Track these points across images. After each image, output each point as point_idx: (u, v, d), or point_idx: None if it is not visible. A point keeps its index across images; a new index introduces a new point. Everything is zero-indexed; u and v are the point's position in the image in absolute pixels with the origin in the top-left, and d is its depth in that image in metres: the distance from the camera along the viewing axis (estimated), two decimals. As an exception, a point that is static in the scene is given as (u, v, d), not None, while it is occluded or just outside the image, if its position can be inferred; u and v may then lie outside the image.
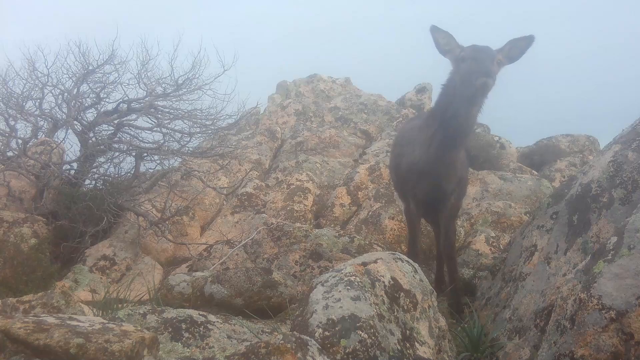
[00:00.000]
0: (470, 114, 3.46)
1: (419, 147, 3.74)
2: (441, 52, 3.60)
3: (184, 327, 2.60)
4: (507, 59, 3.48)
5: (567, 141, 10.90)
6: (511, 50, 3.48)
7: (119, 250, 6.54)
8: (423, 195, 3.83)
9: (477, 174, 7.92)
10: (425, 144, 3.66)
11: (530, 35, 3.50)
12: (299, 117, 11.81)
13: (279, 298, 3.73)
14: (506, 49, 3.46)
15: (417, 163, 3.73)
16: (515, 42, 3.48)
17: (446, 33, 3.56)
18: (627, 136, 2.97)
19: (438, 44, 3.58)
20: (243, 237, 5.84)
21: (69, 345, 1.74)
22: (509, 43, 3.48)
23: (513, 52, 3.49)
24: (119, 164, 7.73)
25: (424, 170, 3.69)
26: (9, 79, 7.90)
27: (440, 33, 3.57)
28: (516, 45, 3.48)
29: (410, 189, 3.93)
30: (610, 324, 2.05)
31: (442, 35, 3.57)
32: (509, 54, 3.48)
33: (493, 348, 2.93)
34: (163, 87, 8.11)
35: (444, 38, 3.56)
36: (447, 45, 3.57)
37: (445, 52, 3.58)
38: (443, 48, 3.58)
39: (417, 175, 3.77)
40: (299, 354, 1.96)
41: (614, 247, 2.27)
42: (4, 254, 4.50)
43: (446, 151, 3.59)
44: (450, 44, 3.56)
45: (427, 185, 3.74)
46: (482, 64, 3.24)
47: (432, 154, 3.61)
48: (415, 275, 2.76)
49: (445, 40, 3.56)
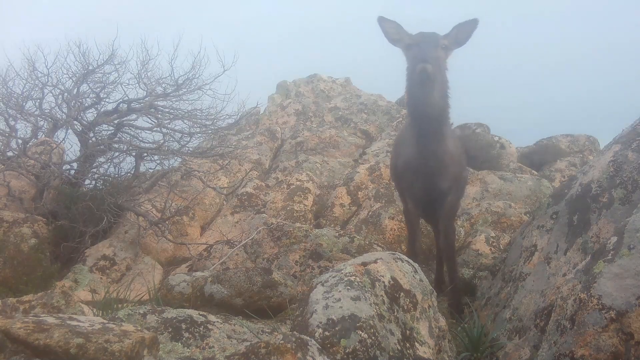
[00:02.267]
0: (428, 100, 3.47)
1: (409, 144, 3.77)
2: (391, 41, 3.64)
3: (184, 327, 2.60)
4: (454, 44, 3.61)
5: (567, 141, 10.90)
6: (458, 34, 3.60)
7: (119, 250, 6.53)
8: (419, 194, 3.82)
9: (477, 174, 7.92)
10: (411, 140, 3.71)
11: (475, 18, 3.61)
12: (299, 117, 11.81)
13: (279, 298, 3.73)
14: (453, 34, 3.59)
15: (409, 161, 3.76)
16: (461, 27, 3.60)
17: (394, 23, 3.61)
18: (627, 136, 2.97)
19: (387, 34, 3.63)
20: (243, 237, 5.83)
21: (69, 345, 1.74)
22: (455, 28, 3.59)
23: (460, 36, 3.62)
24: (119, 164, 7.73)
25: (416, 168, 3.71)
26: (9, 79, 7.90)
27: (388, 23, 3.62)
28: (462, 30, 3.61)
29: (406, 188, 3.93)
30: (610, 324, 2.05)
31: (390, 25, 3.62)
32: (456, 38, 3.61)
33: (493, 348, 2.93)
34: (163, 87, 8.11)
35: (393, 27, 3.61)
36: (396, 35, 3.61)
37: (395, 42, 3.63)
38: (392, 37, 3.63)
39: (411, 174, 3.78)
40: (299, 354, 1.96)
41: (614, 247, 2.27)
42: (4, 254, 4.50)
43: (426, 142, 3.58)
44: (399, 33, 3.60)
45: (422, 183, 3.73)
46: (423, 50, 3.35)
47: (417, 149, 3.64)
48: (415, 275, 2.76)
49: (394, 30, 3.61)
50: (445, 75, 3.58)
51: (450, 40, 3.58)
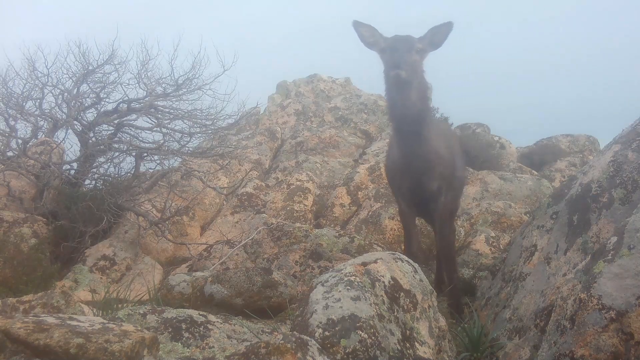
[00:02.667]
0: (405, 103, 3.48)
1: (395, 147, 3.83)
2: (367, 45, 3.64)
3: (184, 327, 2.60)
4: (430, 46, 3.60)
5: (567, 141, 10.91)
6: (434, 36, 3.59)
7: (119, 250, 6.53)
8: (408, 194, 3.83)
9: (477, 174, 7.92)
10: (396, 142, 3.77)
11: (449, 21, 3.61)
12: (299, 117, 11.81)
13: (279, 298, 3.73)
14: (428, 37, 3.58)
15: (396, 162, 3.81)
16: (436, 29, 3.59)
17: (369, 26, 3.62)
18: (627, 136, 2.96)
19: (363, 38, 3.63)
20: (243, 237, 5.83)
21: (69, 345, 1.74)
22: (430, 30, 3.59)
23: (436, 38, 3.61)
24: (119, 164, 7.72)
25: (402, 169, 3.73)
26: (9, 79, 7.89)
27: (363, 27, 3.62)
28: (438, 32, 3.60)
29: (397, 188, 3.95)
30: (610, 324, 2.05)
31: (365, 29, 3.62)
32: (431, 41, 3.59)
33: (493, 348, 2.93)
34: (163, 87, 8.10)
35: (368, 31, 3.61)
36: (371, 38, 3.61)
37: (371, 45, 3.63)
38: (368, 41, 3.63)
39: (399, 175, 3.81)
40: (299, 354, 1.96)
41: (614, 247, 2.27)
42: (4, 254, 4.50)
43: (407, 143, 3.61)
44: (374, 36, 3.61)
45: (408, 183, 3.74)
46: (396, 56, 3.37)
47: (401, 151, 3.68)
48: (415, 275, 2.76)
49: (369, 33, 3.61)
50: (422, 78, 3.58)
51: (425, 43, 3.57)
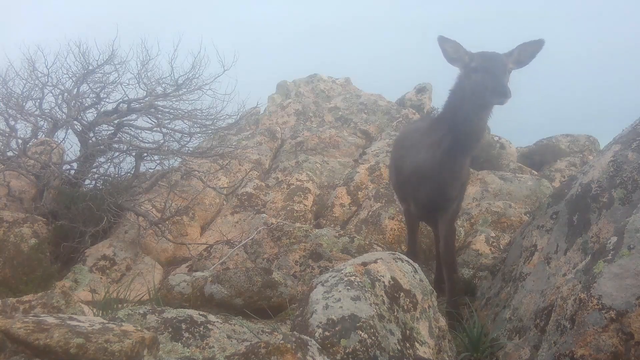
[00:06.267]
0: (481, 122, 3.43)
1: (424, 151, 3.67)
2: (449, 60, 3.51)
3: (184, 327, 2.60)
4: (516, 64, 3.39)
5: (567, 141, 10.91)
6: (520, 54, 3.38)
7: (119, 250, 6.53)
8: (425, 199, 3.79)
9: (477, 174, 7.92)
10: (431, 148, 3.60)
11: (540, 39, 3.40)
12: (299, 117, 11.81)
13: (279, 298, 3.73)
14: (515, 54, 3.37)
15: (422, 167, 3.68)
16: (524, 47, 3.38)
17: (454, 42, 3.48)
18: (627, 136, 2.97)
19: (446, 53, 3.49)
20: (243, 237, 5.83)
21: (69, 345, 1.74)
22: (518, 48, 3.38)
23: (522, 57, 3.40)
24: (119, 164, 7.74)
25: (428, 175, 3.64)
26: (9, 79, 7.92)
27: (448, 43, 3.48)
28: (526, 50, 3.38)
29: (411, 191, 3.89)
30: (610, 324, 2.05)
31: (450, 45, 3.48)
32: (518, 59, 3.38)
33: (493, 348, 2.93)
34: (163, 87, 8.13)
35: (452, 47, 3.47)
36: (455, 54, 3.48)
37: (454, 61, 3.50)
38: (451, 56, 3.49)
39: (421, 179, 3.72)
40: (299, 354, 1.95)
41: (614, 247, 2.27)
42: (4, 254, 4.50)
43: (455, 157, 3.54)
44: (458, 52, 3.47)
45: (430, 190, 3.69)
46: (498, 81, 3.15)
47: (439, 159, 3.55)
48: (415, 275, 2.76)
49: (453, 49, 3.47)
50: None
51: (513, 61, 3.35)
